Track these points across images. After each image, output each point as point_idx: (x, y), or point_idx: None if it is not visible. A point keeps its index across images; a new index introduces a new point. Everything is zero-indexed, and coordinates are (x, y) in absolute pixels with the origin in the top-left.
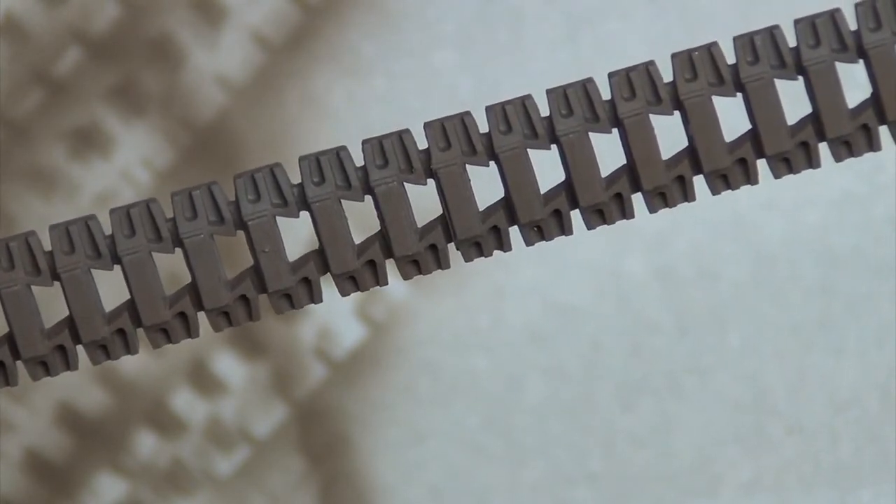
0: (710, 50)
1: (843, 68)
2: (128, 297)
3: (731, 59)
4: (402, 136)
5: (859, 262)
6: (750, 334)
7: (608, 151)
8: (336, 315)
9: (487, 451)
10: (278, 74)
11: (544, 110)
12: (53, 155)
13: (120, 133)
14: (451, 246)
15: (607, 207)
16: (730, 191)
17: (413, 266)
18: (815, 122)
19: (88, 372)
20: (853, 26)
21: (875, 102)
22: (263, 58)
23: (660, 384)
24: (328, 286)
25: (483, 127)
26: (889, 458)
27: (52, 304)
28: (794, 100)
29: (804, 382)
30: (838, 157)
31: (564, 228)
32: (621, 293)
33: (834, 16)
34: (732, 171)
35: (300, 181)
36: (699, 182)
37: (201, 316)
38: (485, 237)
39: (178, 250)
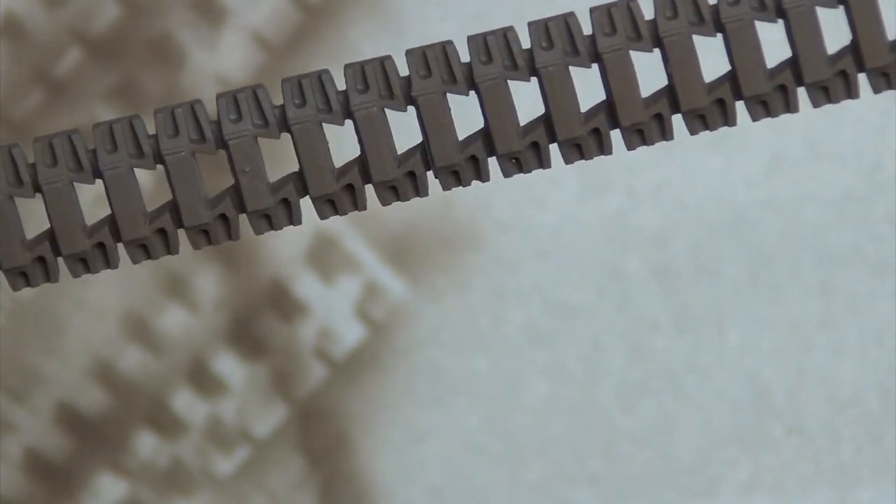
0: None
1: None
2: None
3: None
4: (384, 63)
5: (858, 261)
6: (749, 333)
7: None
8: (336, 315)
9: (487, 451)
10: (278, 74)
11: (526, 43)
12: None
13: None
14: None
15: (585, 142)
16: (707, 131)
17: (391, 192)
18: (793, 67)
19: (88, 372)
20: None
21: (854, 49)
22: (263, 58)
23: (660, 384)
24: (328, 285)
25: (465, 57)
26: (889, 458)
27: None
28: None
29: (804, 382)
30: (816, 103)
31: (542, 161)
32: (621, 293)
33: None
34: (710, 112)
35: (282, 103)
36: (678, 122)
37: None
38: (463, 166)
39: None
